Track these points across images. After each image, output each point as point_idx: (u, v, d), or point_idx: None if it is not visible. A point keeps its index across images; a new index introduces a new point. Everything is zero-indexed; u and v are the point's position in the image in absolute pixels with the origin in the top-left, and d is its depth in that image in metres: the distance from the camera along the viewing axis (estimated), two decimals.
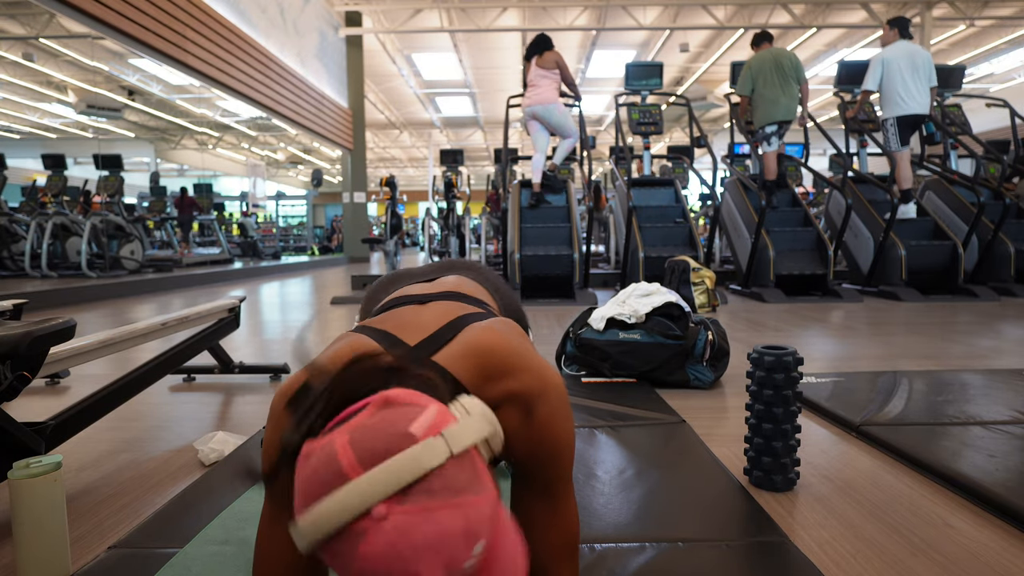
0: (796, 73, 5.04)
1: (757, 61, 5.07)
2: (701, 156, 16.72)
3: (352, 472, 0.48)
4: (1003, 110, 5.99)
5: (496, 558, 0.50)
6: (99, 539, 1.06)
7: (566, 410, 0.69)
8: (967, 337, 3.00)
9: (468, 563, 0.47)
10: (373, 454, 0.49)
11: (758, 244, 4.92)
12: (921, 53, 4.89)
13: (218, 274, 7.59)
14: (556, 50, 5.12)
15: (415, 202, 29.29)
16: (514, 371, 0.67)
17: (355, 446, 0.49)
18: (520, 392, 0.65)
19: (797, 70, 5.05)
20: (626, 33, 11.63)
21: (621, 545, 0.97)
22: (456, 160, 8.78)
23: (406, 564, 0.45)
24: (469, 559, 0.47)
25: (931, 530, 1.06)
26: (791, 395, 1.19)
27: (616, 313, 2.17)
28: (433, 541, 0.46)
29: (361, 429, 0.51)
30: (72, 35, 10.10)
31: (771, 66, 5.00)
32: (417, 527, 0.46)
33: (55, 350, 1.22)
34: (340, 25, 10.97)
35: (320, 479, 0.49)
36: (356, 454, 0.49)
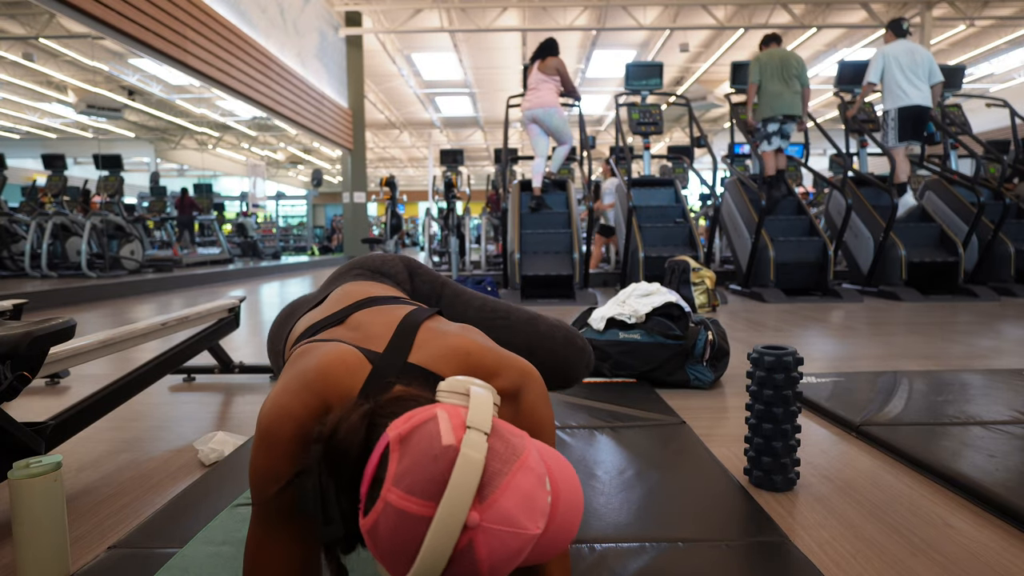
0: (800, 75, 5.06)
1: (765, 56, 5.11)
2: (701, 156, 16.73)
3: (427, 511, 0.50)
4: (1003, 110, 5.99)
5: (558, 480, 0.55)
6: (99, 539, 1.06)
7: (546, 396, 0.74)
8: (967, 337, 3.00)
9: (548, 499, 0.53)
10: (434, 484, 0.51)
11: (758, 244, 4.92)
12: (920, 50, 4.93)
13: (218, 274, 7.59)
14: (560, 58, 5.14)
15: (415, 202, 29.28)
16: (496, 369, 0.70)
17: (413, 491, 0.51)
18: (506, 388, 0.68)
19: (801, 73, 5.08)
20: (626, 33, 11.63)
21: (621, 545, 0.97)
22: (456, 160, 8.78)
23: (518, 534, 0.50)
24: (547, 496, 0.53)
25: (931, 530, 1.06)
26: (791, 395, 1.19)
27: (616, 313, 2.17)
28: (523, 505, 0.51)
29: (406, 474, 0.52)
30: (72, 35, 10.09)
31: (778, 62, 5.05)
32: (507, 506, 0.51)
33: (55, 350, 1.22)
34: (340, 25, 10.97)
35: (404, 536, 0.51)
36: (420, 496, 0.50)
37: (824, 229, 5.53)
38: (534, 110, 5.08)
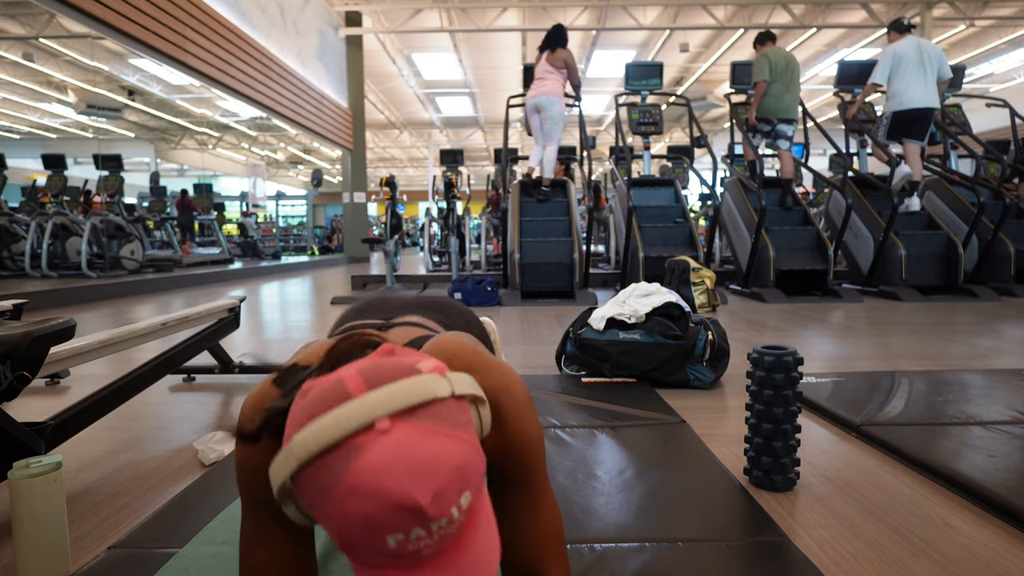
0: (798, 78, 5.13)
1: (774, 55, 5.13)
2: (701, 156, 16.73)
3: (357, 391, 0.49)
4: (1003, 110, 5.99)
5: (476, 524, 0.50)
6: (99, 539, 1.06)
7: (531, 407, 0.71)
8: (967, 337, 3.00)
9: (454, 509, 0.46)
10: (381, 377, 0.50)
11: (758, 244, 4.91)
12: (930, 46, 4.92)
13: (218, 274, 7.59)
14: (569, 49, 5.14)
15: (415, 202, 29.29)
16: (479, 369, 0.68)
17: (363, 373, 0.51)
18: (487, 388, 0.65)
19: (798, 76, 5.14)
20: (626, 33, 11.63)
21: (621, 545, 0.97)
22: (456, 160, 8.78)
23: (398, 480, 0.44)
24: (456, 505, 0.47)
25: (931, 530, 1.06)
26: (791, 395, 1.19)
27: (616, 313, 2.17)
28: (430, 463, 0.46)
29: (368, 363, 0.53)
30: (72, 35, 10.10)
31: (784, 64, 5.10)
32: (418, 445, 0.47)
33: (55, 350, 1.22)
34: (340, 25, 10.97)
35: (321, 399, 0.49)
36: (363, 378, 0.50)
37: (824, 229, 5.53)
38: (538, 97, 5.09)
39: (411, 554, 0.46)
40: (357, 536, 0.46)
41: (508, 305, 4.54)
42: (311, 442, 0.47)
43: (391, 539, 0.45)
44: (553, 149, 5.22)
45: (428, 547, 0.46)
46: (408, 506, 0.44)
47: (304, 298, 5.46)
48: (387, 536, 0.45)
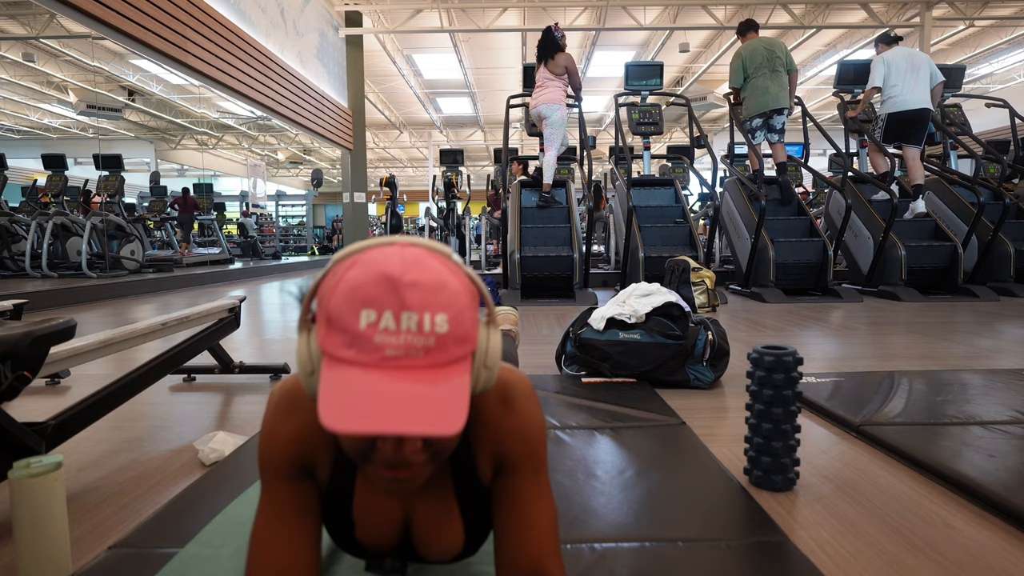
0: (787, 63, 5.07)
1: (748, 51, 5.08)
2: (701, 156, 16.73)
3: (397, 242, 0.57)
4: (1003, 110, 5.99)
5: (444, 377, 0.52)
6: (99, 539, 1.06)
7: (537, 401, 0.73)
8: (967, 337, 3.00)
9: (427, 316, 0.51)
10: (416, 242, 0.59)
11: (758, 244, 4.92)
12: (919, 53, 5.02)
13: (218, 274, 7.59)
14: (567, 53, 5.13)
15: (415, 202, 29.29)
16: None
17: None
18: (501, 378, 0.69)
19: (788, 60, 5.09)
20: (626, 33, 11.63)
21: (621, 545, 0.97)
22: (456, 160, 8.79)
23: (393, 262, 0.53)
24: (431, 311, 0.52)
25: (931, 530, 1.06)
26: (791, 395, 1.19)
27: (616, 313, 2.17)
28: (426, 267, 0.54)
29: None
30: (72, 35, 10.10)
31: (763, 56, 5.02)
32: (425, 258, 0.55)
33: (55, 350, 1.22)
34: (340, 25, 10.97)
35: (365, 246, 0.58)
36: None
37: (824, 229, 5.53)
38: (540, 107, 5.12)
39: (375, 347, 0.51)
40: (339, 307, 0.52)
41: (508, 305, 4.53)
42: (343, 251, 0.57)
43: (364, 315, 0.51)
44: (553, 154, 5.23)
45: (392, 347, 0.51)
46: (390, 275, 0.52)
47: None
48: (362, 310, 0.51)
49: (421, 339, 0.51)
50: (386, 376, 0.51)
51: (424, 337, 0.52)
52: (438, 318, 0.52)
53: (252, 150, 20.45)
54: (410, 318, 0.51)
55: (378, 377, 0.51)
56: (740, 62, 5.08)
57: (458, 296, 0.54)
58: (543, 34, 5.17)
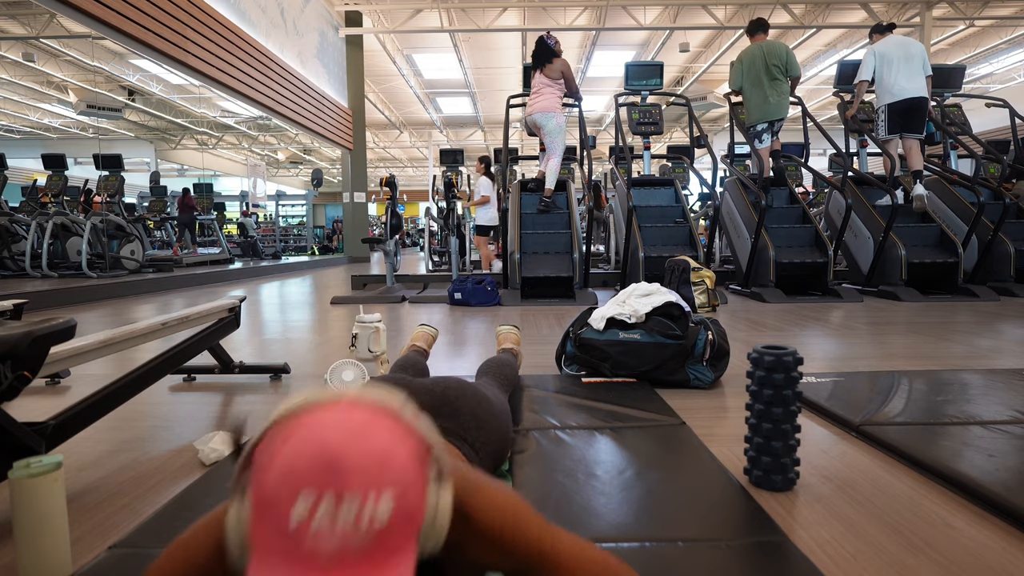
0: (789, 68, 5.02)
1: (748, 57, 5.06)
2: (701, 156, 16.73)
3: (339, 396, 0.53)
4: (1003, 110, 5.99)
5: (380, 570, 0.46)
6: (99, 539, 1.06)
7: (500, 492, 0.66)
8: (967, 337, 3.00)
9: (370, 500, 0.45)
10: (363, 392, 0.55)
11: (758, 244, 4.91)
12: (913, 43, 4.96)
13: (218, 274, 7.59)
14: (564, 58, 5.13)
15: (415, 202, 29.29)
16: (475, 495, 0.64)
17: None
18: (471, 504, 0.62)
19: (790, 65, 5.02)
20: (626, 33, 11.64)
21: (621, 545, 0.97)
22: (456, 160, 8.78)
23: (335, 434, 0.47)
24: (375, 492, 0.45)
25: (931, 530, 1.06)
26: (791, 395, 1.19)
27: (616, 313, 2.17)
28: (372, 437, 0.48)
29: None
30: (72, 35, 10.11)
31: (761, 64, 5.00)
32: (371, 423, 0.49)
33: (55, 350, 1.22)
34: (340, 25, 10.98)
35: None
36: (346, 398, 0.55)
37: (824, 229, 5.53)
38: (534, 115, 5.13)
39: (307, 546, 0.44)
40: (271, 491, 0.46)
41: (508, 305, 4.54)
42: (284, 408, 0.51)
43: (300, 505, 0.44)
44: (556, 161, 5.23)
45: (326, 540, 0.44)
46: (331, 454, 0.45)
47: (304, 298, 5.46)
48: (301, 495, 0.44)
49: (361, 528, 0.45)
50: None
51: (365, 525, 0.45)
52: (382, 501, 0.46)
53: (252, 150, 20.45)
54: (351, 504, 0.45)
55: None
56: (740, 68, 5.08)
57: (406, 471, 0.49)
58: (536, 44, 5.16)
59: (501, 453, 1.19)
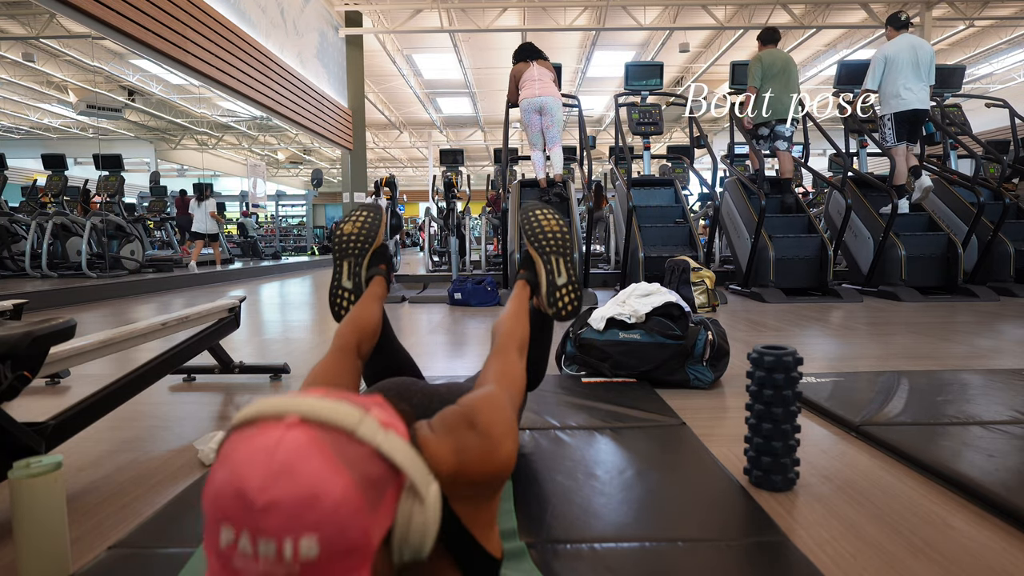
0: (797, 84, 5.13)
1: (768, 58, 5.09)
2: (701, 156, 16.73)
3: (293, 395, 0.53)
4: (1003, 110, 5.99)
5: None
6: (99, 539, 1.06)
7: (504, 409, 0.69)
8: (967, 337, 3.00)
9: (288, 543, 0.43)
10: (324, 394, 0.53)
11: (758, 244, 4.91)
12: (924, 47, 4.89)
13: (218, 274, 7.59)
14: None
15: (415, 202, 29.29)
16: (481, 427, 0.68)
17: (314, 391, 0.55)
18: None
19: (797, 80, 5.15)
20: (626, 33, 11.64)
21: (621, 545, 0.97)
22: (456, 160, 8.78)
23: (255, 469, 0.45)
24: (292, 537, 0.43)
25: (931, 530, 1.06)
26: (791, 395, 1.19)
27: (616, 313, 2.17)
28: (296, 477, 0.45)
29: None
30: (72, 35, 10.11)
31: (781, 67, 5.07)
32: (304, 456, 0.46)
33: (55, 350, 1.22)
34: (340, 25, 10.98)
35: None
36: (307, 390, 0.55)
37: (824, 229, 5.52)
38: (544, 97, 4.97)
39: (235, 572, 0.44)
40: (205, 511, 0.46)
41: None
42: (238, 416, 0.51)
43: (224, 534, 0.44)
44: (560, 149, 5.24)
45: (250, 570, 0.44)
46: (243, 493, 0.44)
47: (304, 298, 5.46)
48: (222, 526, 0.45)
49: (282, 569, 0.43)
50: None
51: (285, 567, 0.43)
52: (303, 543, 0.44)
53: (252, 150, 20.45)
54: (267, 545, 0.43)
55: None
56: (759, 65, 5.08)
57: (337, 509, 0.45)
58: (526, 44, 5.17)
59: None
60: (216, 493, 0.45)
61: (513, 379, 0.92)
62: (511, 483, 1.19)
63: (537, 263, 1.25)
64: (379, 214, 1.39)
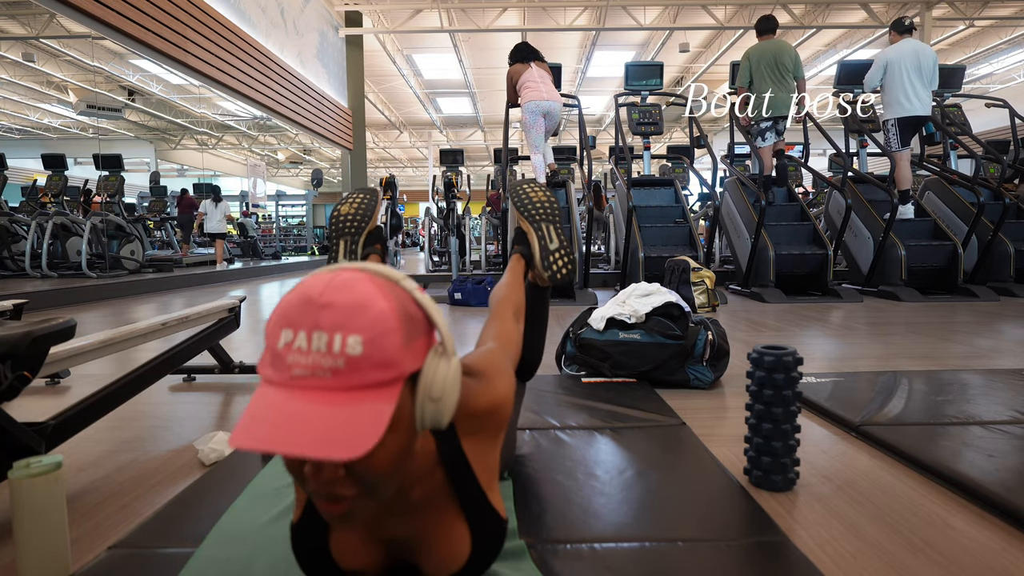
0: (795, 69, 5.03)
1: (756, 53, 5.05)
2: (701, 156, 16.72)
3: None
4: (1003, 110, 5.99)
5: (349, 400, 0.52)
6: (99, 539, 1.06)
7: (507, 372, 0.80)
8: (967, 337, 3.00)
9: (338, 337, 0.52)
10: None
11: (758, 244, 4.91)
12: (927, 52, 4.86)
13: (218, 274, 7.59)
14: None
15: (415, 202, 29.28)
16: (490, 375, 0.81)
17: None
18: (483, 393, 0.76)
19: (796, 67, 5.04)
20: (626, 33, 11.63)
21: (621, 545, 0.97)
22: (456, 160, 8.78)
23: (318, 287, 0.55)
24: (341, 332, 0.52)
25: (931, 530, 1.06)
26: (791, 395, 1.19)
27: (616, 313, 2.17)
28: (350, 289, 0.55)
29: None
30: (72, 35, 10.10)
31: (770, 60, 4.98)
32: (356, 280, 0.56)
33: (55, 350, 1.22)
34: (340, 25, 10.97)
35: None
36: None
37: (824, 229, 5.53)
38: (551, 102, 4.93)
39: (287, 366, 0.53)
40: (268, 327, 0.55)
41: None
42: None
43: (284, 335, 0.53)
44: (549, 148, 5.26)
45: (300, 367, 0.52)
46: (310, 296, 0.54)
47: None
48: (283, 330, 0.53)
49: (330, 360, 0.52)
50: (291, 396, 0.52)
51: (333, 358, 0.52)
52: (351, 340, 0.52)
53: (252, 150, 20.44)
54: (320, 338, 0.52)
55: (284, 396, 0.52)
56: (747, 63, 5.06)
57: (381, 320, 0.54)
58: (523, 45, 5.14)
59: (506, 460, 1.19)
60: (284, 303, 0.55)
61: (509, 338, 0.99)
62: (511, 483, 1.19)
63: (529, 233, 1.29)
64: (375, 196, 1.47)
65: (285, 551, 0.92)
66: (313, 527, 0.74)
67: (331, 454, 0.48)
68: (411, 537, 0.73)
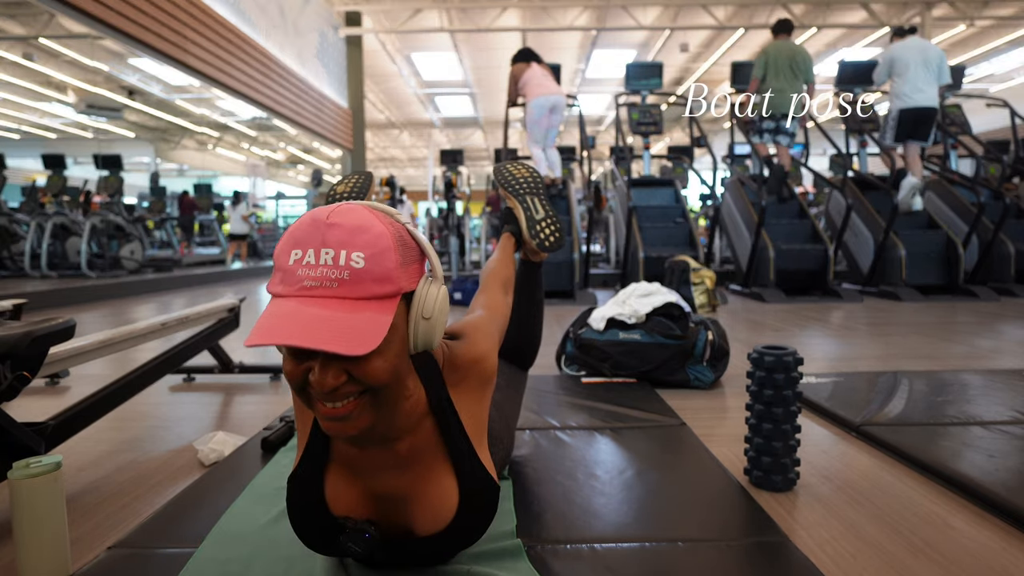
0: (807, 71, 5.04)
1: (774, 49, 5.05)
2: (701, 156, 16.73)
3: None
4: (1003, 110, 5.99)
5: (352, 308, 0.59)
6: (99, 539, 1.06)
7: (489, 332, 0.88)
8: (967, 337, 3.00)
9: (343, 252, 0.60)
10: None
11: (758, 244, 4.91)
12: (932, 47, 4.89)
13: (218, 274, 7.59)
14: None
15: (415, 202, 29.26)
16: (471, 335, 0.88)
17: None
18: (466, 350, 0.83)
19: (808, 69, 5.05)
20: (626, 33, 11.62)
21: (621, 545, 0.97)
22: (456, 160, 8.78)
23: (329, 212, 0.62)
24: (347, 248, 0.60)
25: (931, 530, 1.06)
26: (791, 395, 1.19)
27: (616, 313, 2.17)
28: (355, 214, 0.62)
29: None
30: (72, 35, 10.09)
31: (786, 58, 5.00)
32: (360, 210, 0.63)
33: (55, 350, 1.22)
34: (340, 25, 10.97)
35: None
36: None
37: (824, 229, 5.53)
38: (558, 96, 4.94)
39: (297, 279, 0.59)
40: (278, 250, 0.62)
41: None
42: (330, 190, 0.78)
43: (294, 254, 0.60)
44: (556, 150, 5.25)
45: (310, 279, 0.59)
46: (317, 218, 0.61)
47: None
48: (293, 249, 0.60)
49: (336, 272, 0.59)
50: (302, 303, 0.58)
51: (339, 270, 0.59)
52: (355, 255, 0.59)
53: (252, 150, 20.43)
54: (327, 253, 0.59)
55: (295, 304, 0.58)
56: (764, 58, 5.06)
57: (380, 239, 0.61)
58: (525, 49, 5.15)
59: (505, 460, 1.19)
60: (295, 226, 0.62)
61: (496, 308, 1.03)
62: (511, 483, 1.19)
63: (516, 208, 1.33)
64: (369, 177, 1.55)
65: (285, 551, 0.92)
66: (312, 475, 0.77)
67: (337, 348, 0.55)
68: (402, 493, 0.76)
